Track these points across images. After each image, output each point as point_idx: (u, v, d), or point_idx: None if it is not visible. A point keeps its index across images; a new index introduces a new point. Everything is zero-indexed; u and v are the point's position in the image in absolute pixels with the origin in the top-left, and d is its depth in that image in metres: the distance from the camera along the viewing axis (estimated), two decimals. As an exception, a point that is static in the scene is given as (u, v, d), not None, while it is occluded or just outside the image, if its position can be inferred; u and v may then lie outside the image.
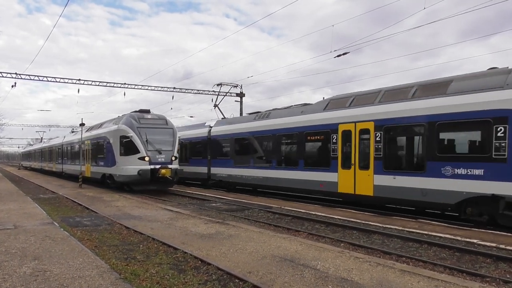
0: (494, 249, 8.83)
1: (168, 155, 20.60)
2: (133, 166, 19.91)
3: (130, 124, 20.84)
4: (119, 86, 34.00)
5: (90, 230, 10.41)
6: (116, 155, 21.27)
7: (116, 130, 21.56)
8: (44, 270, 6.33)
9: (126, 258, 7.50)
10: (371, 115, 13.75)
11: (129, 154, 20.36)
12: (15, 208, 14.13)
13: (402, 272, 6.34)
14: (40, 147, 53.94)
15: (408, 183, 12.52)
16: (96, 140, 25.06)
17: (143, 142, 20.12)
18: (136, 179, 19.95)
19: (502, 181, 10.28)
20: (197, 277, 6.28)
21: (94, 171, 25.38)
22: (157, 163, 20.12)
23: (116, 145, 21.33)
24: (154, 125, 21.35)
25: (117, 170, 21.17)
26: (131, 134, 20.27)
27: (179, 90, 36.04)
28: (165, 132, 21.43)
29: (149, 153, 20.04)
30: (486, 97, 10.72)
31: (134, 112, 22.65)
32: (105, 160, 23.13)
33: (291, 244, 8.38)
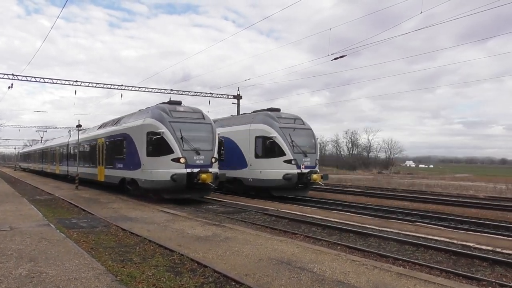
0: (490, 252, 8.86)
1: (207, 156, 16.85)
2: (164, 170, 16.05)
3: (161, 117, 16.90)
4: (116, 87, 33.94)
5: (87, 232, 10.37)
6: (141, 155, 17.50)
7: (142, 125, 17.70)
8: (40, 272, 6.30)
9: (122, 260, 7.47)
10: None
11: (159, 155, 16.53)
12: (11, 209, 14.06)
13: (399, 275, 6.35)
14: (41, 147, 49.68)
15: None
16: (113, 138, 21.42)
17: (177, 140, 16.24)
18: (169, 186, 16.06)
19: None
20: (194, 279, 6.26)
21: (110, 174, 21.70)
22: (195, 166, 16.31)
23: (141, 143, 17.56)
24: (189, 119, 17.49)
25: (142, 174, 17.35)
26: (163, 129, 16.31)
27: (176, 92, 35.99)
28: (202, 128, 17.60)
29: (185, 153, 16.21)
30: None
31: (162, 103, 18.78)
32: (125, 162, 19.47)
33: (287, 246, 8.38)
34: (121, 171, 20.01)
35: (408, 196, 23.58)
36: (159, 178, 16.26)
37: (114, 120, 23.55)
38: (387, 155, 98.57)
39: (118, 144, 20.61)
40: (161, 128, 16.40)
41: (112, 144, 21.65)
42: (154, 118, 17.09)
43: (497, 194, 27.29)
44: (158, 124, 16.66)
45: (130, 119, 20.18)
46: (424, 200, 21.74)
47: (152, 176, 16.62)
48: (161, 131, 16.31)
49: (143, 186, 17.51)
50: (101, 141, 23.41)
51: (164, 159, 16.34)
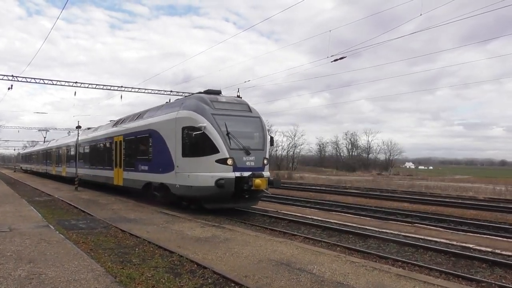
0: (490, 254, 8.87)
1: (259, 157, 13.94)
2: (207, 173, 13.19)
3: (201, 109, 14.00)
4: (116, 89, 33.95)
5: (86, 233, 10.36)
6: (174, 155, 14.68)
7: (176, 119, 14.75)
8: (39, 273, 6.30)
9: (121, 262, 7.46)
10: None
11: (200, 155, 13.64)
12: (11, 210, 14.05)
13: (398, 276, 6.35)
14: (44, 147, 46.02)
15: None
16: (134, 135, 18.48)
17: (223, 137, 13.30)
18: (212, 193, 13.13)
19: None
20: (193, 280, 6.26)
21: (130, 178, 18.66)
22: (245, 169, 13.35)
23: (174, 140, 14.72)
24: (234, 111, 14.58)
25: (176, 179, 14.48)
26: (204, 124, 13.37)
27: (176, 93, 36.01)
28: (251, 122, 14.76)
29: (232, 153, 13.28)
30: None
31: (198, 93, 15.92)
32: (151, 164, 16.55)
33: (287, 248, 8.38)
34: (145, 174, 17.04)
35: (408, 198, 23.60)
36: (199, 184, 13.40)
37: (135, 115, 20.42)
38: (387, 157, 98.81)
39: (141, 142, 17.74)
40: (202, 122, 13.43)
41: (133, 143, 18.68)
42: (192, 110, 14.13)
43: (497, 196, 27.32)
44: (198, 117, 13.69)
45: (156, 113, 17.20)
46: (424, 201, 21.76)
47: (190, 181, 13.74)
48: (202, 125, 13.34)
49: (177, 192, 14.62)
50: (118, 140, 20.48)
51: (206, 160, 13.46)
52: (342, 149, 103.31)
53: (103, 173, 22.71)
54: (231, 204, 14.11)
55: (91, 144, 25.81)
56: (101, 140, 23.82)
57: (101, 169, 23.28)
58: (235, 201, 13.84)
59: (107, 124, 24.96)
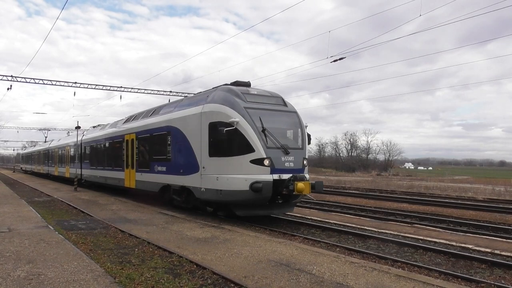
0: (489, 254, 8.89)
1: (298, 157, 12.28)
2: (240, 175, 11.55)
3: (231, 102, 12.30)
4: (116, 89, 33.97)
5: (85, 234, 10.36)
6: (199, 155, 13.00)
7: (202, 113, 13.00)
8: (39, 273, 6.29)
9: (121, 262, 7.46)
10: None
11: (231, 154, 11.98)
12: (10, 211, 14.04)
13: (398, 277, 6.35)
14: (46, 147, 44.12)
15: None
16: (150, 133, 16.85)
17: (258, 134, 11.69)
18: (246, 198, 11.52)
19: None
20: (192, 281, 6.26)
21: (145, 180, 17.02)
22: (283, 171, 11.74)
23: (199, 138, 13.02)
24: (268, 105, 12.88)
25: (202, 181, 12.76)
26: (236, 119, 11.71)
27: (175, 93, 36.04)
28: (287, 118, 13.07)
29: (269, 152, 11.63)
30: None
31: (224, 85, 13.94)
32: (171, 164, 14.88)
33: (286, 248, 8.38)
34: (162, 176, 15.47)
35: (407, 198, 23.62)
36: (230, 187, 11.71)
37: (149, 111, 18.69)
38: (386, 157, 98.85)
39: (158, 140, 16.10)
40: (234, 117, 11.78)
41: (148, 141, 17.09)
42: (222, 104, 12.46)
43: (496, 196, 27.35)
44: (229, 111, 12.02)
45: (176, 108, 15.66)
46: (423, 202, 21.77)
47: (219, 184, 12.04)
48: (234, 120, 11.67)
49: (203, 197, 12.89)
50: (130, 138, 18.94)
51: (238, 160, 11.78)
52: (342, 150, 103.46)
53: (112, 174, 21.28)
54: (266, 210, 12.53)
55: (98, 143, 24.22)
56: (109, 139, 22.20)
57: (109, 170, 21.87)
58: (270, 207, 12.37)
59: (116, 122, 23.49)
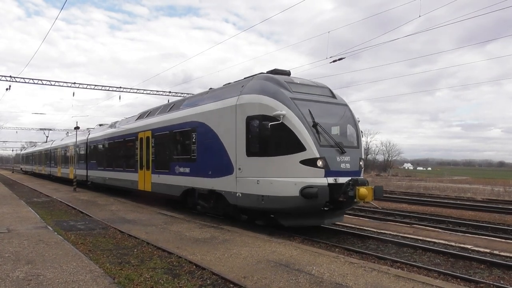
0: (488, 254, 8.89)
1: (354, 158, 10.63)
2: (287, 179, 9.85)
3: (275, 92, 10.56)
4: (115, 89, 33.95)
5: (84, 234, 10.35)
6: (233, 154, 11.23)
7: (238, 106, 11.19)
8: (38, 274, 6.28)
9: (120, 263, 7.46)
10: None
11: (275, 153, 10.22)
12: (9, 211, 14.02)
13: (397, 277, 6.35)
14: (48, 146, 42.36)
15: None
16: (169, 130, 15.10)
17: (309, 129, 9.96)
18: (295, 206, 9.84)
19: None
20: (192, 281, 6.25)
21: (163, 182, 15.32)
22: (340, 173, 10.05)
23: (233, 134, 11.24)
24: (316, 96, 11.12)
25: (237, 185, 11.00)
26: (283, 111, 9.97)
27: (174, 94, 36.06)
28: (339, 111, 11.46)
29: (323, 151, 9.91)
30: None
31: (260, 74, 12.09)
32: (196, 164, 13.11)
33: (286, 249, 8.38)
34: (186, 179, 13.72)
35: (406, 199, 23.64)
36: (275, 193, 9.98)
37: (167, 106, 17.01)
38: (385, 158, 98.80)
39: (180, 138, 14.52)
40: (279, 109, 10.05)
41: (167, 139, 15.38)
42: (263, 94, 10.67)
43: (495, 197, 27.39)
44: (273, 102, 10.28)
45: (202, 101, 13.60)
46: (422, 202, 21.79)
47: (261, 189, 10.28)
48: (279, 113, 9.93)
49: (239, 203, 11.08)
50: (145, 136, 17.20)
51: (285, 160, 10.03)
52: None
53: (123, 175, 19.51)
54: (316, 220, 10.75)
55: (107, 142, 22.51)
56: (120, 137, 20.38)
57: (120, 172, 20.04)
58: (321, 215, 10.61)
59: (127, 119, 21.87)
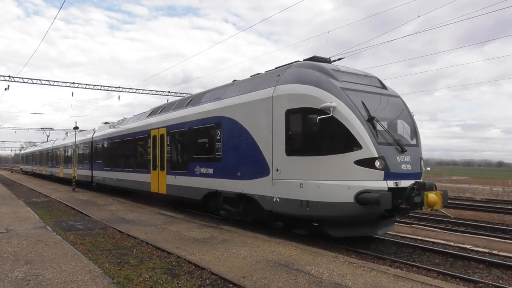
0: (487, 254, 8.91)
1: (415, 157, 9.31)
2: (338, 182, 8.52)
3: (322, 81, 9.16)
4: (114, 89, 33.95)
5: (83, 234, 10.34)
6: (268, 153, 9.92)
7: (275, 97, 9.84)
8: (36, 274, 6.28)
9: (119, 263, 7.45)
10: None
11: (323, 152, 8.83)
12: (8, 211, 14.01)
13: (396, 277, 6.36)
14: (49, 146, 40.91)
15: None
16: (189, 126, 13.61)
17: (365, 124, 8.62)
18: (349, 214, 8.48)
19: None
20: (191, 281, 6.25)
21: (181, 184, 13.95)
22: (400, 176, 8.69)
23: (268, 130, 9.93)
24: (366, 86, 9.79)
25: (274, 188, 9.68)
26: (333, 103, 8.62)
27: (173, 94, 36.07)
28: (393, 103, 10.03)
29: (382, 150, 8.54)
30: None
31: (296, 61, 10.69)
32: (221, 165, 11.79)
33: (285, 249, 8.38)
34: (209, 181, 12.33)
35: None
36: (324, 198, 8.59)
37: (184, 101, 15.43)
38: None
39: (202, 135, 12.98)
40: (328, 100, 8.66)
41: (186, 136, 13.94)
42: (306, 83, 9.27)
43: (494, 197, 27.41)
44: (320, 92, 8.90)
45: (228, 94, 12.10)
46: (421, 202, 21.74)
47: (305, 193, 8.90)
48: (329, 105, 8.55)
49: (276, 209, 9.72)
50: (159, 133, 15.77)
51: (336, 160, 8.62)
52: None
53: (133, 176, 18.09)
54: (369, 229, 9.35)
55: (114, 141, 21.26)
56: (129, 135, 19.04)
57: (129, 172, 18.65)
58: (375, 224, 9.23)
59: (137, 116, 20.47)
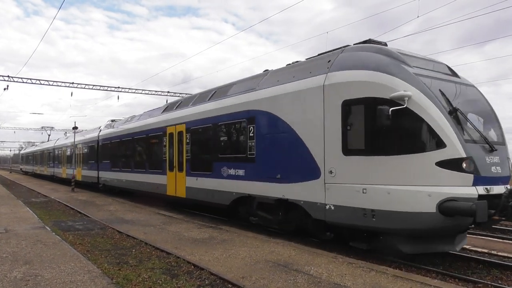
0: (486, 255, 8.90)
1: (503, 157, 7.90)
2: (416, 187, 7.08)
3: (390, 66, 7.76)
4: (113, 89, 33.95)
5: (82, 235, 10.33)
6: (318, 151, 8.53)
7: (328, 86, 8.39)
8: (35, 274, 6.27)
9: (118, 263, 7.45)
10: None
11: (393, 151, 7.41)
12: (6, 212, 13.99)
13: (395, 277, 6.36)
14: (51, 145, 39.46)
15: None
16: (214, 121, 12.32)
17: (448, 117, 7.20)
18: (428, 226, 7.05)
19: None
20: (190, 282, 6.25)
21: (204, 187, 12.64)
22: (490, 180, 7.29)
23: (318, 125, 8.54)
24: (438, 74, 8.40)
25: (328, 193, 8.32)
26: (407, 92, 7.21)
27: (173, 94, 36.10)
28: (469, 94, 8.70)
29: (469, 149, 7.10)
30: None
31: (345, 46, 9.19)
32: (256, 165, 10.39)
33: (284, 249, 8.38)
34: (240, 183, 11.00)
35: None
36: (395, 207, 7.22)
37: (206, 94, 13.90)
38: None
39: (230, 131, 11.90)
40: (400, 88, 7.29)
41: (210, 133, 12.60)
42: (371, 69, 7.77)
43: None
44: (390, 80, 7.48)
45: (263, 84, 10.72)
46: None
47: (369, 200, 7.53)
48: (403, 94, 7.19)
49: (330, 219, 8.32)
50: (176, 130, 14.48)
51: (411, 161, 7.20)
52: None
53: (146, 178, 16.81)
54: (447, 245, 8.08)
55: (123, 139, 19.89)
56: (141, 133, 17.80)
57: (141, 173, 17.39)
58: (452, 238, 8.05)
59: (150, 112, 19.04)
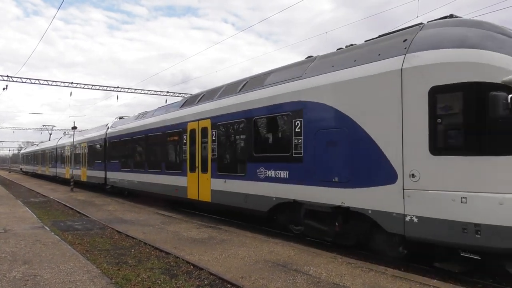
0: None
1: None
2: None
3: (497, 42, 6.36)
4: (112, 89, 33.93)
5: (82, 234, 10.32)
6: (395, 151, 7.04)
7: (409, 70, 6.87)
8: (34, 274, 6.26)
9: (117, 263, 7.44)
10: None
11: (503, 152, 5.94)
12: (5, 211, 13.97)
13: (394, 277, 6.36)
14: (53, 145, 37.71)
15: None
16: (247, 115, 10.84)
17: None
18: None
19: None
20: (189, 282, 6.24)
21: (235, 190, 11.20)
22: None
23: (397, 118, 7.00)
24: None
25: (408, 202, 6.83)
26: None
27: (172, 94, 36.10)
28: None
29: None
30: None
31: (422, 23, 7.74)
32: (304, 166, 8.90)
33: (283, 249, 8.37)
34: (281, 187, 9.56)
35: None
36: (506, 222, 5.90)
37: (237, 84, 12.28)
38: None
39: (269, 126, 10.46)
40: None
41: (243, 129, 11.17)
42: (468, 47, 6.50)
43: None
44: (501, 58, 6.23)
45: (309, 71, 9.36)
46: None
47: (471, 213, 6.19)
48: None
49: (412, 234, 6.89)
50: (199, 126, 12.99)
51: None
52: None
53: (163, 179, 15.26)
54: None
55: (135, 137, 18.28)
56: (156, 130, 16.16)
57: (156, 174, 15.83)
58: None
59: (165, 107, 17.55)
